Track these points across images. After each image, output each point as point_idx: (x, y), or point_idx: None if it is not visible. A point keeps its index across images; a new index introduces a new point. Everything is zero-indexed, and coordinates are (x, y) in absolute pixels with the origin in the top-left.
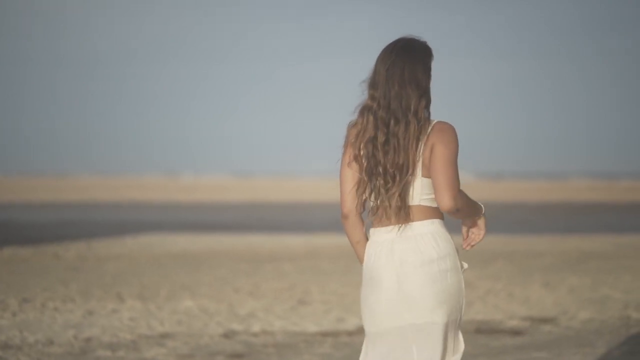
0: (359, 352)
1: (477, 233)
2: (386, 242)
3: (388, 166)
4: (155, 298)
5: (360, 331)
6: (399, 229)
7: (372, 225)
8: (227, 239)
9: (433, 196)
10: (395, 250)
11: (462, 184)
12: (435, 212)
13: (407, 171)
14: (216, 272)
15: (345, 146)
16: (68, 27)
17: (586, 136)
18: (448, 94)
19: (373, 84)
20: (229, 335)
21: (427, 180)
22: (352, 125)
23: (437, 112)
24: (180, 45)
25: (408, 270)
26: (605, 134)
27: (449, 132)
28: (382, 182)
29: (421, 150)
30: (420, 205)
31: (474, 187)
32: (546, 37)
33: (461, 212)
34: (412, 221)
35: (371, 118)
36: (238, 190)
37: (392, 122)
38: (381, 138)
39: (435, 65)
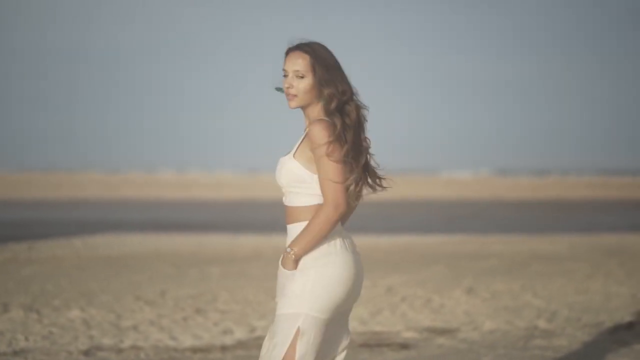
0: None
1: None
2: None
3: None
4: (44, 307)
5: (238, 346)
6: None
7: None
8: (181, 239)
9: None
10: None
11: (480, 179)
12: None
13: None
14: (134, 276)
15: (338, 139)
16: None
17: (608, 132)
18: (465, 91)
19: (342, 76)
20: (91, 352)
21: None
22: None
23: (458, 109)
24: (184, 41)
25: None
26: (626, 129)
27: None
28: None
29: None
30: None
31: (477, 184)
32: (573, 35)
33: None
34: None
35: (355, 106)
36: (239, 188)
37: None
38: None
39: (454, 63)
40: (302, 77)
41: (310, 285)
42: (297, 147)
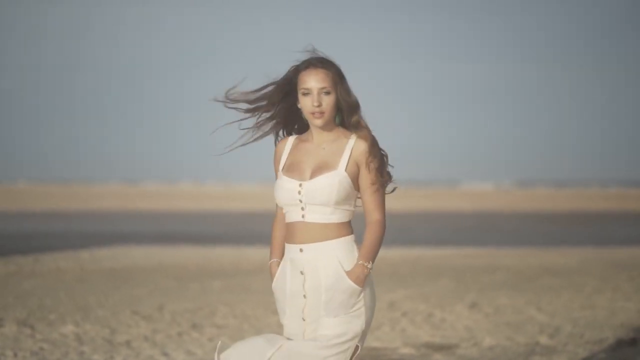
0: None
1: None
2: None
3: None
4: (39, 322)
5: None
6: None
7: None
8: (186, 252)
9: None
10: None
11: (500, 191)
12: None
13: None
14: (134, 290)
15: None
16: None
17: (633, 143)
18: (491, 100)
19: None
20: None
21: None
22: None
23: (483, 120)
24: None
25: None
26: None
27: None
28: None
29: None
30: None
31: (497, 196)
32: (573, 41)
33: None
34: None
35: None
36: (252, 199)
37: None
38: None
39: (457, 68)
40: (328, 94)
41: (369, 303)
42: (348, 163)
